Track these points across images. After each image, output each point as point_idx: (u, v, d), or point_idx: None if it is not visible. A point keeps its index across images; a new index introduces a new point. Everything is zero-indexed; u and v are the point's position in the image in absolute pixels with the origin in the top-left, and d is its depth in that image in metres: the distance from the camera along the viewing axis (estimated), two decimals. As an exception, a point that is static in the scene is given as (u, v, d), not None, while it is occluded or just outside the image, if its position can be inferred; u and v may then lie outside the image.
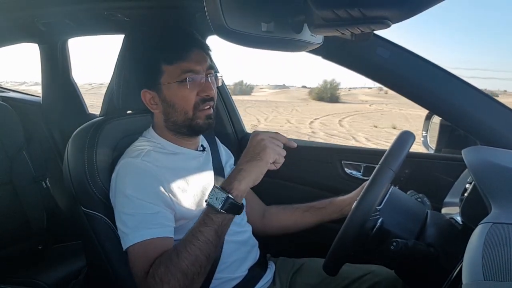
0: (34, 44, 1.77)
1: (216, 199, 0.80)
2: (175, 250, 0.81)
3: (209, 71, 0.97)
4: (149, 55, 0.96)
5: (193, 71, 0.93)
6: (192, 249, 0.79)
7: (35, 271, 1.37)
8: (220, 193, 0.81)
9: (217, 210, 0.80)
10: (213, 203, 0.81)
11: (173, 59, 0.93)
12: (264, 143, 0.83)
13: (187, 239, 0.81)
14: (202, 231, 0.80)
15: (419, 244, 0.77)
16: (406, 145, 0.85)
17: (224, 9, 0.59)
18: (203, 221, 0.81)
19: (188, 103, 0.94)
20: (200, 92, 0.94)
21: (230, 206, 0.80)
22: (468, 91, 0.98)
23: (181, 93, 0.94)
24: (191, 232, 0.82)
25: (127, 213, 0.87)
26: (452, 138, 1.24)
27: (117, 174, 0.92)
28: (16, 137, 1.53)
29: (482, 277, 0.48)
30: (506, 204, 0.64)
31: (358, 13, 0.53)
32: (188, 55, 0.93)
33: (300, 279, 1.12)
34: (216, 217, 0.81)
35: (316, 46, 0.81)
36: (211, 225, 0.80)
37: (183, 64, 0.93)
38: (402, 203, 0.88)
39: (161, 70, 0.94)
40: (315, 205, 1.15)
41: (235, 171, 0.83)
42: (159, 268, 0.79)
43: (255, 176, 0.82)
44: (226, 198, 0.80)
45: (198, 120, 0.96)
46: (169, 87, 0.94)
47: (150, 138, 1.01)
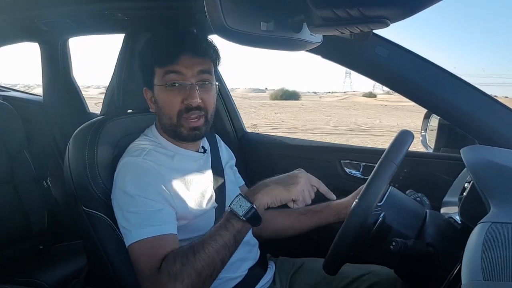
0: (34, 43, 1.77)
1: (240, 207, 0.82)
2: (191, 249, 0.81)
3: (200, 76, 0.94)
4: (145, 55, 0.98)
5: (179, 74, 0.92)
6: (209, 251, 0.80)
7: (36, 271, 1.37)
8: (244, 202, 0.82)
9: (239, 217, 0.82)
10: (236, 210, 0.82)
11: (162, 62, 0.93)
12: (299, 180, 0.87)
13: (205, 240, 0.82)
14: (221, 235, 0.81)
15: (418, 244, 0.77)
16: (406, 142, 0.85)
17: (224, 8, 0.59)
18: (224, 226, 0.82)
19: (172, 109, 0.94)
20: (184, 100, 0.93)
21: (252, 216, 0.82)
22: (467, 90, 0.98)
23: (166, 97, 0.94)
24: (210, 234, 0.83)
25: (130, 211, 0.87)
26: (451, 137, 1.25)
27: (119, 172, 0.92)
28: (17, 137, 1.53)
29: (481, 277, 0.48)
30: (505, 203, 0.64)
31: (357, 12, 0.54)
32: (176, 59, 0.92)
33: (300, 278, 1.12)
34: (237, 223, 0.82)
35: (316, 45, 0.81)
36: (231, 230, 0.82)
37: (170, 67, 0.93)
38: (401, 202, 0.88)
39: (154, 71, 0.96)
40: (312, 208, 1.14)
41: (262, 185, 0.86)
42: (174, 265, 0.79)
43: (276, 198, 0.85)
44: (250, 208, 0.82)
45: (182, 128, 0.95)
46: (159, 90, 0.95)
47: (151, 137, 1.01)
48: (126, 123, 1.08)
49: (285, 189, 0.85)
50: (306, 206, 1.15)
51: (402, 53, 1.01)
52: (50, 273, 1.37)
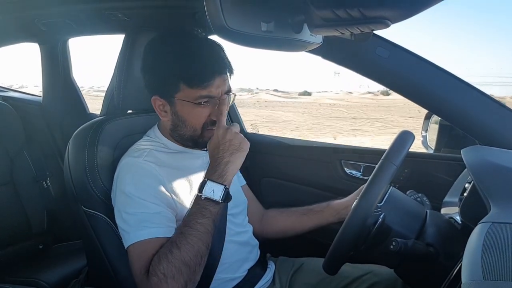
0: (34, 44, 1.77)
1: (213, 192, 0.84)
2: (173, 244, 0.82)
3: (227, 93, 0.95)
4: (169, 68, 0.92)
5: (211, 96, 0.92)
6: (193, 241, 0.81)
7: (36, 271, 1.37)
8: (216, 186, 0.85)
9: (217, 202, 0.85)
10: (211, 196, 0.84)
11: (194, 84, 0.90)
12: (239, 136, 0.90)
13: (186, 232, 0.82)
14: (201, 223, 0.83)
15: (418, 244, 0.77)
16: (406, 143, 0.85)
17: (224, 9, 0.59)
18: (201, 213, 0.84)
19: (198, 122, 0.95)
20: (211, 115, 0.94)
21: (227, 196, 0.86)
22: (467, 91, 0.98)
23: (194, 112, 0.93)
24: (188, 225, 0.83)
25: (128, 212, 0.87)
26: (451, 138, 1.25)
27: (119, 173, 0.92)
28: (16, 137, 1.53)
29: (482, 277, 0.49)
30: (505, 203, 0.64)
31: (358, 13, 0.54)
32: (210, 83, 0.91)
33: (300, 278, 1.12)
34: (214, 208, 0.85)
35: (316, 46, 0.81)
36: (209, 216, 0.84)
37: (203, 91, 0.91)
38: (401, 202, 0.88)
39: (179, 88, 0.92)
40: (313, 208, 1.15)
41: (223, 164, 0.87)
42: (160, 264, 0.79)
43: (239, 165, 0.89)
44: (224, 190, 0.85)
45: (205, 138, 0.96)
46: (183, 104, 0.93)
47: (154, 138, 1.01)
48: (126, 123, 1.08)
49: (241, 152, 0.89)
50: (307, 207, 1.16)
51: (403, 53, 1.01)
52: (50, 273, 1.37)
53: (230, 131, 0.90)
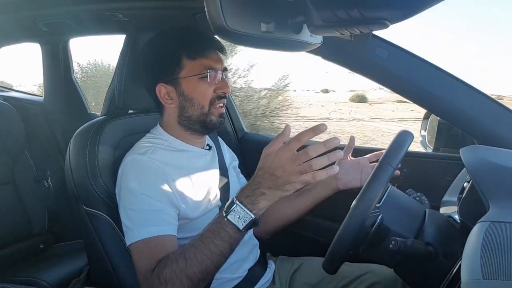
0: (35, 44, 1.78)
1: (239, 218, 0.77)
2: (183, 254, 0.80)
3: (224, 72, 1.00)
4: (170, 49, 0.97)
5: (213, 68, 0.96)
6: (202, 259, 0.78)
7: (37, 270, 1.37)
8: (243, 213, 0.77)
9: (238, 229, 0.78)
10: (235, 222, 0.77)
11: (196, 55, 0.96)
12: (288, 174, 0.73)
13: (198, 247, 0.79)
14: (217, 245, 0.78)
15: (417, 243, 0.77)
16: (404, 143, 0.86)
17: (224, 9, 0.60)
18: (219, 234, 0.78)
19: (205, 98, 0.97)
20: (217, 89, 0.97)
21: (251, 225, 0.78)
22: (466, 91, 0.98)
23: (200, 87, 0.96)
24: (202, 241, 0.79)
25: (133, 209, 0.87)
26: (450, 138, 1.25)
27: (123, 169, 0.92)
28: (18, 137, 1.54)
29: (481, 276, 0.49)
30: (504, 202, 0.64)
31: (357, 13, 0.54)
32: (210, 53, 0.97)
33: (300, 278, 1.12)
34: (234, 234, 0.78)
35: (316, 46, 0.81)
36: (227, 239, 0.78)
37: (205, 60, 0.96)
38: (400, 202, 0.88)
39: (182, 64, 0.96)
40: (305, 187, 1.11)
41: (258, 193, 0.77)
42: (164, 270, 0.79)
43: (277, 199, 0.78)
44: (251, 220, 0.77)
45: (212, 116, 0.98)
46: (188, 81, 0.96)
47: (157, 135, 1.01)
48: (127, 123, 1.08)
49: (283, 191, 0.76)
50: None
51: (402, 54, 1.01)
52: (51, 272, 1.37)
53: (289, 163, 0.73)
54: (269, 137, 1.64)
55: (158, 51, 0.99)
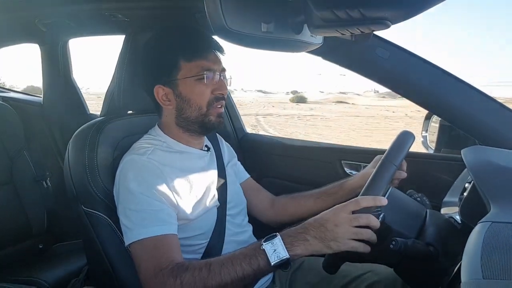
0: (34, 44, 1.77)
1: (274, 252, 0.76)
2: (208, 266, 0.80)
3: (222, 72, 0.99)
4: (167, 51, 0.97)
5: (210, 69, 0.96)
6: (225, 277, 0.78)
7: (36, 270, 1.37)
8: (281, 249, 0.76)
9: (269, 262, 0.76)
10: (269, 253, 0.77)
11: (193, 56, 0.95)
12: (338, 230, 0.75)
13: (225, 263, 0.79)
14: (243, 268, 0.78)
15: (418, 243, 0.77)
16: (406, 143, 0.86)
17: (224, 9, 0.60)
18: (250, 260, 0.78)
19: (203, 99, 0.96)
20: (214, 90, 0.97)
21: (281, 264, 0.76)
22: (467, 91, 0.98)
23: (197, 89, 0.96)
24: (231, 260, 0.79)
25: (131, 209, 0.87)
26: (452, 138, 1.25)
27: (122, 169, 0.92)
28: (17, 137, 1.53)
29: (481, 276, 0.49)
30: (505, 203, 0.64)
31: (358, 14, 0.54)
32: (207, 54, 0.96)
33: (300, 277, 1.12)
34: (264, 265, 0.77)
35: (316, 46, 0.81)
36: (255, 268, 0.78)
37: (202, 62, 0.95)
38: (401, 202, 0.88)
39: (179, 66, 0.96)
40: (326, 191, 1.14)
41: (302, 237, 0.77)
42: (185, 273, 0.79)
43: (315, 253, 0.78)
44: (285, 259, 0.76)
45: (211, 117, 0.98)
46: (186, 83, 0.96)
47: (156, 136, 1.01)
48: (126, 124, 1.08)
49: (326, 246, 0.76)
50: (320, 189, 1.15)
51: (403, 54, 1.01)
52: (50, 272, 1.37)
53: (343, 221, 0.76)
54: (270, 138, 1.64)
55: (155, 52, 0.99)
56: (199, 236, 0.97)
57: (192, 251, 0.97)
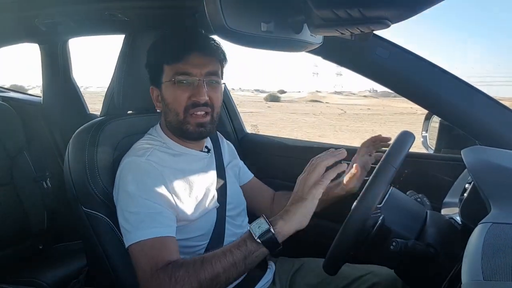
0: (34, 44, 1.77)
1: (258, 228, 0.79)
2: (201, 258, 0.80)
3: (208, 77, 0.96)
4: (153, 53, 0.99)
5: (187, 73, 0.94)
6: (216, 265, 0.78)
7: (36, 271, 1.37)
8: (264, 223, 0.79)
9: (254, 237, 0.79)
10: (253, 230, 0.79)
11: (171, 59, 0.95)
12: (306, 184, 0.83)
13: (216, 253, 0.80)
14: (232, 253, 0.79)
15: (418, 244, 0.76)
16: (406, 144, 0.85)
17: (224, 9, 0.59)
18: (238, 244, 0.80)
19: (179, 105, 0.95)
20: (192, 96, 0.95)
21: (268, 240, 0.78)
22: (467, 91, 0.98)
23: (173, 93, 0.95)
24: (223, 250, 0.81)
25: (130, 211, 0.87)
26: (452, 138, 1.24)
27: (121, 171, 0.92)
28: (16, 137, 1.53)
29: (482, 277, 0.48)
30: (505, 204, 0.64)
31: (358, 13, 0.54)
32: (186, 57, 0.94)
33: (300, 279, 1.12)
34: (251, 244, 0.79)
35: (316, 46, 0.81)
36: (243, 250, 0.79)
37: (178, 66, 0.94)
38: (401, 203, 0.88)
39: (163, 69, 0.96)
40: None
41: (283, 211, 0.82)
42: (179, 269, 0.79)
43: (301, 217, 0.81)
44: (267, 230, 0.78)
45: (188, 125, 0.96)
46: (166, 87, 0.96)
47: (156, 137, 1.01)
48: (126, 124, 1.08)
49: (302, 201, 0.81)
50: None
51: (403, 54, 1.01)
52: (50, 273, 1.37)
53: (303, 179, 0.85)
54: (270, 138, 1.64)
55: (149, 54, 1.01)
56: (199, 237, 0.96)
57: (192, 252, 0.96)
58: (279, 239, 0.79)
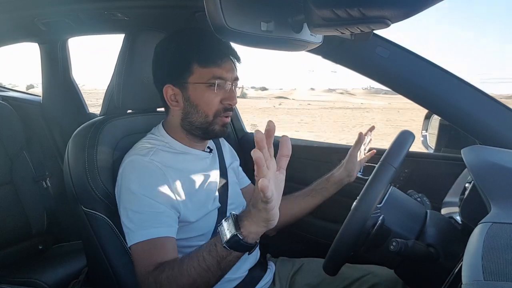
0: (34, 43, 1.77)
1: (226, 230, 0.74)
2: (179, 264, 0.79)
3: (235, 81, 0.97)
4: (182, 53, 0.95)
5: (223, 78, 0.94)
6: (191, 272, 0.77)
7: (36, 271, 1.37)
8: (232, 227, 0.73)
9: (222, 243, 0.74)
10: (222, 234, 0.75)
11: (208, 62, 0.93)
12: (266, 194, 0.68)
13: (191, 258, 0.78)
14: (205, 258, 0.76)
15: (418, 244, 0.76)
16: (406, 143, 0.85)
17: (224, 8, 0.59)
18: (208, 248, 0.77)
19: (210, 108, 0.95)
20: (223, 100, 0.95)
21: (236, 245, 0.73)
22: (467, 91, 0.98)
23: (206, 96, 0.94)
24: (196, 253, 0.79)
25: (134, 210, 0.87)
26: (452, 138, 1.24)
27: (124, 169, 0.92)
28: (16, 137, 1.53)
29: (482, 277, 0.48)
30: (505, 203, 0.64)
31: (358, 12, 0.53)
32: (222, 62, 0.94)
33: (300, 279, 1.12)
34: (221, 250, 0.75)
35: (316, 45, 0.81)
36: (214, 255, 0.76)
37: (215, 70, 0.93)
38: (401, 203, 0.88)
39: (192, 70, 0.94)
40: (315, 187, 1.16)
41: (246, 210, 0.75)
42: (162, 274, 0.79)
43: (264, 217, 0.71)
44: (233, 235, 0.72)
45: (215, 126, 0.97)
46: (196, 88, 0.94)
47: (158, 136, 1.01)
48: (126, 123, 1.08)
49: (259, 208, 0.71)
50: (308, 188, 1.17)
51: (403, 53, 1.01)
52: (50, 273, 1.37)
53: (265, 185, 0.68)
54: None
55: (170, 52, 0.97)
56: (200, 237, 0.96)
57: (192, 252, 0.96)
58: (248, 240, 0.73)
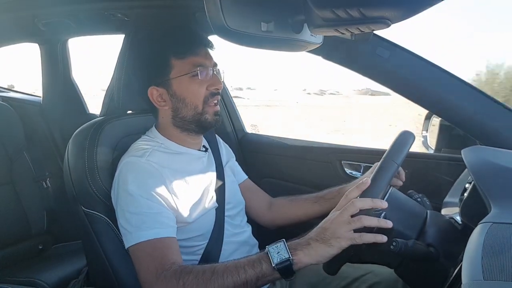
0: (34, 44, 1.77)
1: (277, 253, 0.76)
2: (212, 268, 0.79)
3: (215, 67, 0.99)
4: (158, 50, 0.96)
5: (203, 65, 0.95)
6: (227, 280, 0.77)
7: (36, 271, 1.37)
8: (284, 251, 0.76)
9: (271, 263, 0.76)
10: (272, 255, 0.77)
11: (184, 53, 0.94)
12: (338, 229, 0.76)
13: (229, 267, 0.79)
14: (246, 271, 0.77)
15: (419, 244, 0.76)
16: (407, 143, 0.85)
17: (224, 9, 0.59)
18: (253, 263, 0.78)
19: (198, 97, 0.96)
20: (209, 86, 0.96)
21: (284, 268, 0.75)
22: (467, 91, 0.98)
23: (191, 87, 0.95)
24: (236, 264, 0.79)
25: (131, 212, 0.87)
26: (452, 138, 1.24)
27: (121, 171, 0.92)
28: (16, 137, 1.53)
29: (482, 277, 0.49)
30: (505, 204, 0.64)
31: (358, 13, 0.54)
32: (198, 50, 0.96)
33: (300, 278, 1.11)
34: (266, 268, 0.77)
35: (316, 46, 0.81)
36: (258, 271, 0.77)
37: (194, 58, 0.95)
38: (402, 203, 0.88)
39: (171, 65, 0.95)
40: (324, 196, 1.13)
41: (304, 242, 0.78)
42: (188, 275, 0.78)
43: (321, 258, 0.76)
44: (286, 260, 0.75)
45: (207, 115, 0.97)
46: (180, 82, 0.95)
47: (153, 138, 1.01)
48: (126, 124, 1.08)
49: (328, 246, 0.75)
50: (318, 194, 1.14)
51: (403, 54, 1.01)
52: (50, 273, 1.37)
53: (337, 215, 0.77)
54: (269, 138, 1.64)
55: (146, 53, 0.99)
56: (198, 238, 0.96)
57: (191, 252, 0.96)
58: (295, 268, 0.76)
